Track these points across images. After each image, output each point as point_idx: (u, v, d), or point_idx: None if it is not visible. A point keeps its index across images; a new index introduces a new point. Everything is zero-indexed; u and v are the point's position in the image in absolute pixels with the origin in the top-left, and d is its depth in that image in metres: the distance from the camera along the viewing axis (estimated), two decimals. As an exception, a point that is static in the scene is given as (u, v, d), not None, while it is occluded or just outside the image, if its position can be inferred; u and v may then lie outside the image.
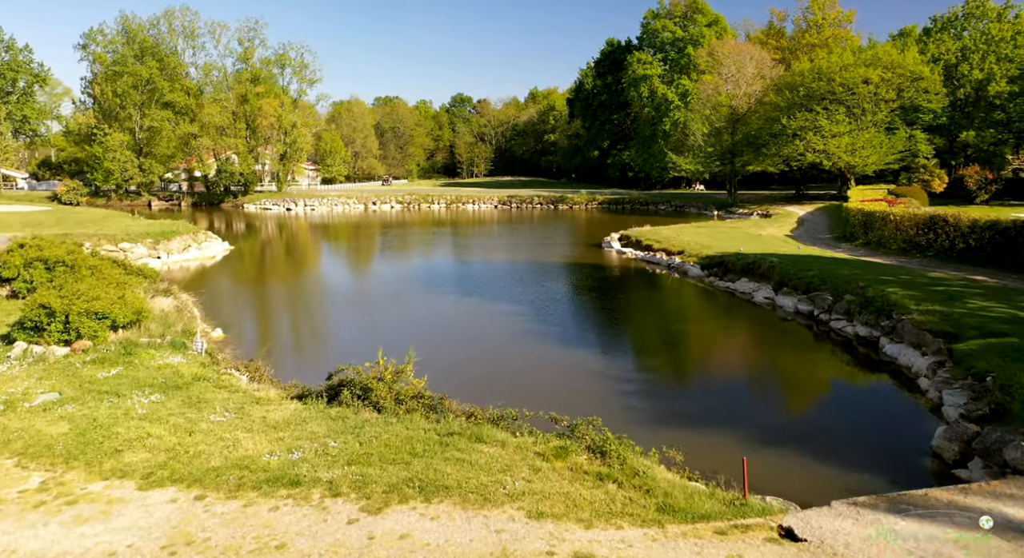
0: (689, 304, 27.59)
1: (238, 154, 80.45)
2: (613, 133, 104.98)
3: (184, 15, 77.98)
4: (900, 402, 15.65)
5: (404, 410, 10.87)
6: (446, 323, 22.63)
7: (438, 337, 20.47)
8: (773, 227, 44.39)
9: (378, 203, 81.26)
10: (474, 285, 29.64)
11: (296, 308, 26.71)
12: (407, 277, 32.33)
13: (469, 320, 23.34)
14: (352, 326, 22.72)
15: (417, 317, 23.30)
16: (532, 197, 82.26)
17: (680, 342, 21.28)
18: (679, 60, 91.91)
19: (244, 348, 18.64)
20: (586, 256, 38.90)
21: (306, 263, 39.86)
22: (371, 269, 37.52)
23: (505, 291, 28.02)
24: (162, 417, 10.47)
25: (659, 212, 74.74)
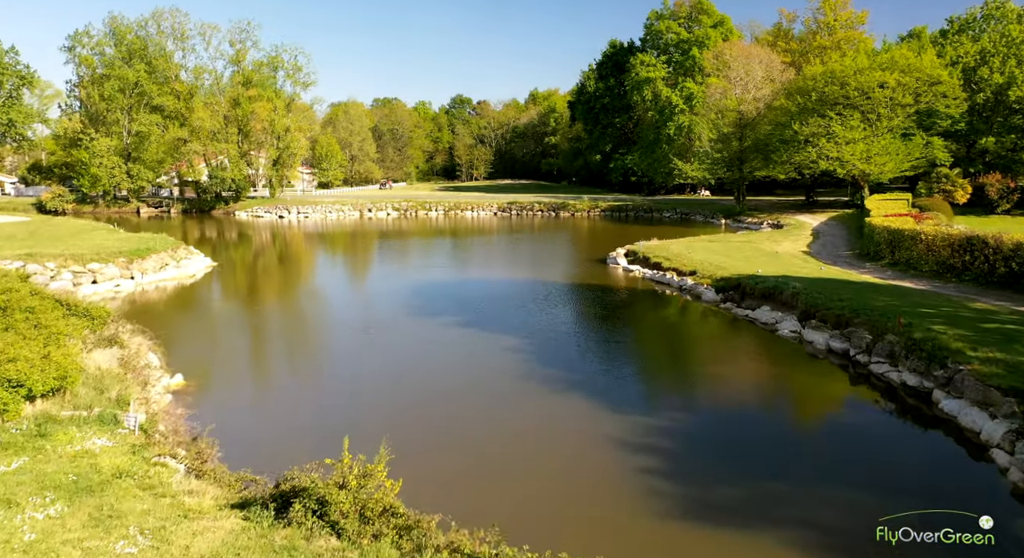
0: (708, 337, 25.09)
1: (229, 159, 78.03)
2: (615, 137, 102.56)
3: (174, 16, 75.66)
4: (972, 478, 13.20)
5: (370, 534, 8.43)
6: (435, 379, 19.89)
7: (422, 402, 18.03)
8: (788, 241, 41.94)
9: (374, 210, 78.83)
10: (472, 313, 27.17)
11: (271, 344, 24.25)
12: (398, 303, 29.84)
13: (462, 370, 20.68)
14: (329, 377, 20.15)
15: (402, 369, 20.65)
16: (532, 204, 79.83)
17: (709, 395, 18.68)
18: (684, 62, 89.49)
19: (203, 404, 16.19)
20: (591, 275, 36.43)
21: (292, 284, 37.39)
22: (360, 292, 35.07)
23: (505, 322, 25.53)
24: (52, 549, 8.02)
25: (664, 220, 72.31)
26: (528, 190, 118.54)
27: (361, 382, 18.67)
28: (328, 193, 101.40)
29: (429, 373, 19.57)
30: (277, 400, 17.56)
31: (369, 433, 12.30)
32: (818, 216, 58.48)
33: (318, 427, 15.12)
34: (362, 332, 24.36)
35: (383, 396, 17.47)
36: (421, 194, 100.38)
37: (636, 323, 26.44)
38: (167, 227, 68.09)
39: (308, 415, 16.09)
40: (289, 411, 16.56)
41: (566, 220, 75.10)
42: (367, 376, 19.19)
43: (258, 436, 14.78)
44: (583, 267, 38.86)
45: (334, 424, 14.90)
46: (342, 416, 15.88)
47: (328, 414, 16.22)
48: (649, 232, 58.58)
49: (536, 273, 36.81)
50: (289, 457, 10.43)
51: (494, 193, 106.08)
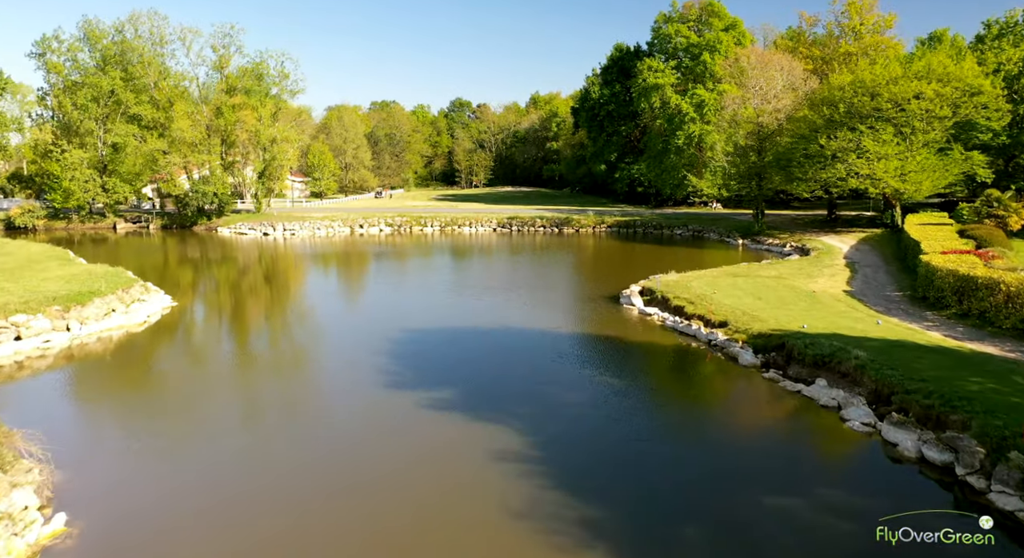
0: (756, 427, 20.03)
1: (212, 172, 73.32)
2: (621, 145, 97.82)
3: (152, 20, 70.97)
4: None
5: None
6: (396, 513, 15.32)
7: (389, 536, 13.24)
8: (823, 277, 37.12)
9: (366, 226, 74.11)
10: (458, 384, 22.37)
11: (202, 448, 19.44)
12: (369, 367, 25.04)
13: (438, 494, 16.01)
14: (273, 510, 15.43)
15: (360, 494, 16.01)
16: (534, 219, 75.08)
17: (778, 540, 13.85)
18: (694, 68, 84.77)
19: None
20: (603, 320, 31.63)
21: (254, 334, 32.57)
22: (332, 346, 30.24)
23: (500, 400, 20.74)
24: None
25: (675, 238, 67.61)
26: (530, 200, 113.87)
27: (298, 525, 13.82)
28: (320, 205, 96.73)
29: (387, 501, 14.67)
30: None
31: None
32: (845, 238, 53.69)
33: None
34: (318, 422, 19.54)
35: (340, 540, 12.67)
36: (417, 206, 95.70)
37: (663, 399, 21.63)
38: (141, 246, 63.53)
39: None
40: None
41: (570, 237, 70.38)
42: (307, 513, 14.35)
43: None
44: (593, 308, 34.05)
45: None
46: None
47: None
48: (661, 255, 53.97)
49: (539, 317, 31.99)
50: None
51: (494, 204, 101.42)
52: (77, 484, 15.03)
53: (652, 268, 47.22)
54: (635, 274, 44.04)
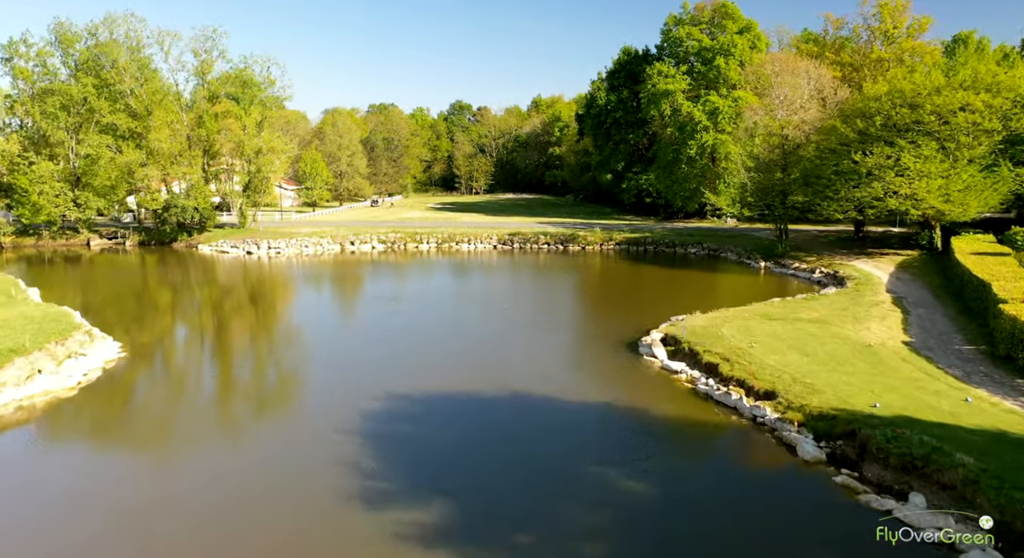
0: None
1: (193, 185, 68.52)
2: (628, 154, 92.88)
3: (128, 22, 66.12)
4: None
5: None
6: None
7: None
8: (873, 319, 32.20)
9: (357, 243, 69.23)
10: (443, 500, 17.50)
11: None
12: (339, 452, 20.25)
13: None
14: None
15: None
16: (538, 235, 70.16)
17: None
18: (706, 73, 79.85)
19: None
20: (620, 379, 26.78)
21: (209, 399, 27.70)
22: (296, 419, 25.37)
23: (496, 523, 15.87)
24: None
25: (689, 258, 62.70)
26: (532, 210, 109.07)
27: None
28: (311, 217, 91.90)
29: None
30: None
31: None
32: (879, 262, 48.74)
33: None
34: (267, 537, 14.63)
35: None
36: (413, 218, 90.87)
37: (709, 523, 16.65)
38: (111, 267, 58.72)
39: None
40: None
41: (576, 256, 65.48)
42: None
43: None
44: (608, 361, 29.16)
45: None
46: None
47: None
48: (677, 280, 48.99)
49: (544, 377, 27.05)
50: None
51: (494, 215, 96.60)
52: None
53: (670, 299, 42.45)
54: (652, 309, 39.21)
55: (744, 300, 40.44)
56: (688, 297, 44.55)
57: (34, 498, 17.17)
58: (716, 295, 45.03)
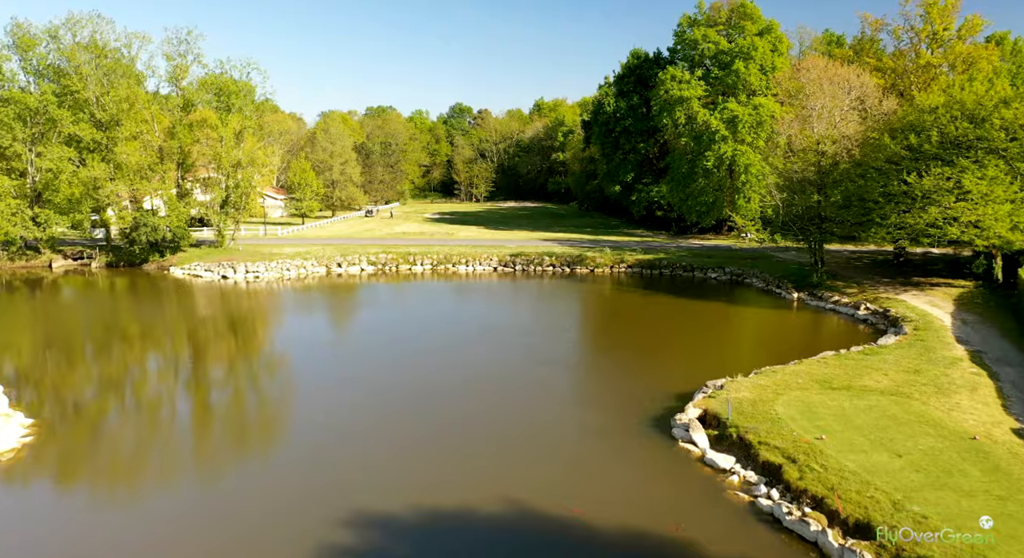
0: None
1: (166, 202, 62.67)
2: (638, 163, 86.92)
3: (93, 23, 60.19)
4: None
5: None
6: None
7: None
8: (961, 391, 26.14)
9: (344, 265, 63.26)
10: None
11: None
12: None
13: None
14: None
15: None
16: (542, 256, 64.16)
17: None
18: (724, 78, 73.91)
19: None
20: (648, 480, 20.81)
21: (129, 503, 21.70)
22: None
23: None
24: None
25: (710, 284, 56.77)
26: (534, 221, 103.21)
27: None
28: (298, 232, 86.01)
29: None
30: None
31: None
32: (933, 297, 42.67)
33: None
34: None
35: None
36: (409, 233, 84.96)
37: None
38: (68, 295, 52.83)
39: None
40: None
41: (584, 280, 59.54)
42: None
43: None
44: (633, 450, 23.16)
45: None
46: None
47: None
48: (701, 316, 42.75)
49: (551, 483, 21.08)
50: None
51: (495, 227, 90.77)
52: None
53: (700, 346, 36.50)
54: (681, 360, 33.31)
55: (786, 347, 34.68)
56: (720, 342, 38.69)
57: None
58: (752, 340, 39.06)
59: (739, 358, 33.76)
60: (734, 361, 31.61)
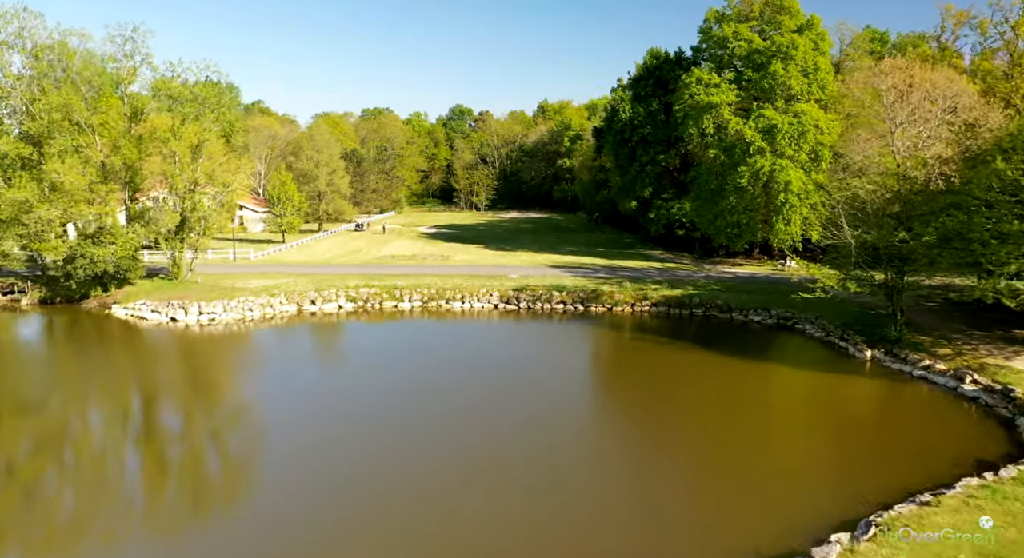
0: None
1: (110, 228, 53.35)
2: (657, 176, 77.49)
3: (19, 18, 50.82)
4: None
5: None
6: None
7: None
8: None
9: (319, 302, 53.86)
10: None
11: None
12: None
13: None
14: None
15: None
16: (550, 291, 54.63)
17: None
18: (759, 81, 64.42)
19: None
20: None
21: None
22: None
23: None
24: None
25: (753, 329, 47.38)
26: (540, 237, 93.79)
27: None
28: (275, 252, 76.68)
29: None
30: None
31: None
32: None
33: None
34: None
35: None
36: (399, 255, 75.57)
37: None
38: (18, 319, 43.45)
39: None
40: None
41: (601, 321, 50.19)
42: None
43: None
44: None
45: None
46: None
47: None
48: (754, 381, 33.09)
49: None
50: None
51: (496, 246, 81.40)
52: None
53: (764, 439, 26.61)
54: (752, 468, 23.74)
55: (882, 445, 25.74)
56: (792, 433, 29.13)
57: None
58: (832, 429, 29.47)
59: (824, 465, 24.66)
60: (821, 472, 22.64)
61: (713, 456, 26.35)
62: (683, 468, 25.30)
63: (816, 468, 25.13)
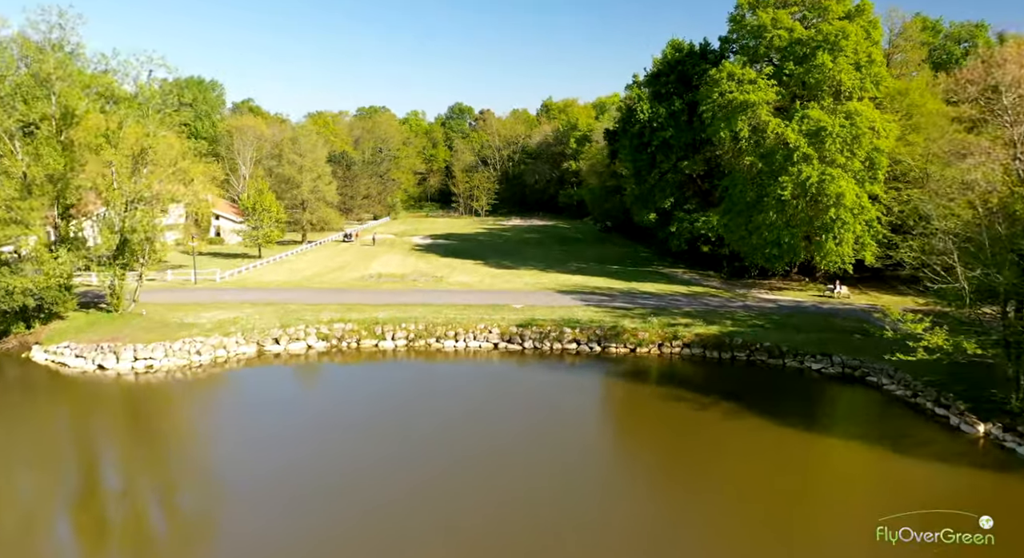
0: None
1: (33, 252, 44.57)
2: (679, 185, 68.49)
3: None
4: None
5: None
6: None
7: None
8: None
9: (284, 340, 44.90)
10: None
11: None
12: None
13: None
14: None
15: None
16: (560, 328, 45.56)
17: None
18: (802, 76, 55.34)
19: None
20: None
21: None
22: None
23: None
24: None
25: (811, 379, 38.48)
26: (546, 250, 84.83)
27: None
28: (247, 271, 67.78)
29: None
30: None
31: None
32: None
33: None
34: None
35: None
36: (385, 275, 66.59)
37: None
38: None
39: None
40: None
41: (622, 366, 41.35)
42: None
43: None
44: None
45: None
46: None
47: None
48: (810, 449, 24.07)
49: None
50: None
51: (497, 263, 72.45)
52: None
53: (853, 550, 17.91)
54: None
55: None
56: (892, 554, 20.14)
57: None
58: (960, 553, 20.53)
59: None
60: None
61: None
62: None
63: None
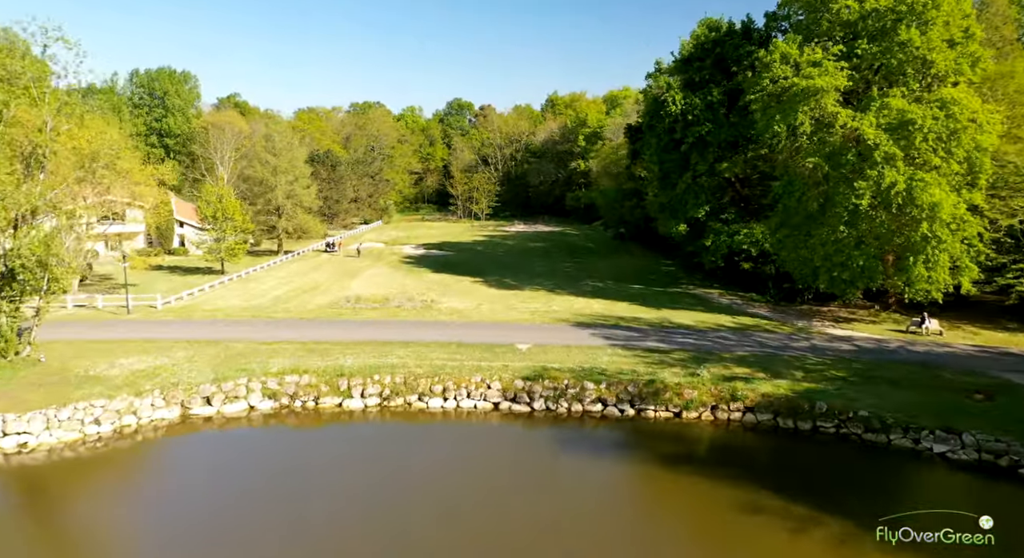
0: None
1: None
2: (714, 189, 57.58)
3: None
4: None
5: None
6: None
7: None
8: None
9: (219, 399, 34.08)
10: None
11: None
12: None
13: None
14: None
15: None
16: (581, 383, 34.62)
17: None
18: (880, 56, 44.38)
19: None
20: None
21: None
22: None
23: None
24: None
25: (937, 467, 27.69)
26: (553, 264, 73.99)
27: None
28: (206, 290, 57.04)
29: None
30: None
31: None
32: None
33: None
34: None
35: None
36: (369, 295, 55.75)
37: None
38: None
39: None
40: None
41: (662, 440, 30.51)
42: None
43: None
44: None
45: None
46: None
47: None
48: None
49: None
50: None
51: (498, 282, 61.63)
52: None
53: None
54: None
55: None
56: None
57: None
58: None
59: None
60: None
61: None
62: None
63: None
